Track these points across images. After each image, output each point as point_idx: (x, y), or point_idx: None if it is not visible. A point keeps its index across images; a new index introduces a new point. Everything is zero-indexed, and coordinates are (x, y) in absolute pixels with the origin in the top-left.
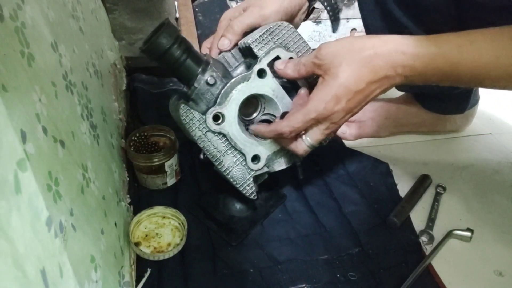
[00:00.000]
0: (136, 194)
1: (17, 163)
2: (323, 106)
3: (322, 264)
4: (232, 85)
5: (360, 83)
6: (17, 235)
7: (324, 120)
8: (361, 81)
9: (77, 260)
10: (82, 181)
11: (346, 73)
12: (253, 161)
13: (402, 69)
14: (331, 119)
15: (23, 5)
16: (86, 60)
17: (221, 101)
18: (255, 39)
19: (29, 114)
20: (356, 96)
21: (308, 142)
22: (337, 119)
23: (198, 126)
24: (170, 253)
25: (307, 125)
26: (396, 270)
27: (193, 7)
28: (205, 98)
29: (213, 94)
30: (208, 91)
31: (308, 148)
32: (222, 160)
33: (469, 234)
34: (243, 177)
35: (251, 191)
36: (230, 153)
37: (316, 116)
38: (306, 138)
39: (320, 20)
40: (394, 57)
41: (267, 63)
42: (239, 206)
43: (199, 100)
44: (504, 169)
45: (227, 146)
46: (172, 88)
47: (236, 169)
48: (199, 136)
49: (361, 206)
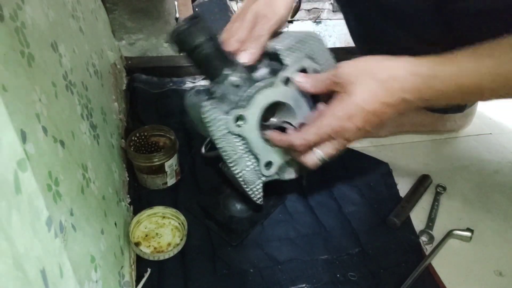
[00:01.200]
0: (136, 194)
1: (17, 163)
2: (337, 122)
3: (322, 264)
4: (257, 89)
5: (374, 104)
6: (17, 235)
7: (337, 136)
8: (375, 102)
9: (77, 260)
10: (82, 181)
11: (362, 92)
12: (266, 166)
13: (418, 93)
14: (343, 136)
15: (23, 5)
16: (86, 60)
17: (244, 104)
18: (287, 48)
19: (29, 114)
20: (369, 116)
21: (319, 155)
22: (350, 135)
23: (219, 126)
24: (170, 253)
25: (319, 140)
26: (396, 270)
27: (193, 7)
28: (228, 99)
29: (237, 95)
30: (232, 92)
31: (318, 162)
32: (238, 162)
33: (469, 234)
34: (254, 181)
35: (259, 195)
36: (246, 156)
37: (329, 132)
38: (318, 151)
39: (320, 20)
40: (410, 80)
41: (293, 72)
42: (239, 206)
43: (222, 100)
44: (504, 169)
45: (244, 149)
46: (172, 88)
47: (249, 172)
48: (218, 136)
49: (361, 206)
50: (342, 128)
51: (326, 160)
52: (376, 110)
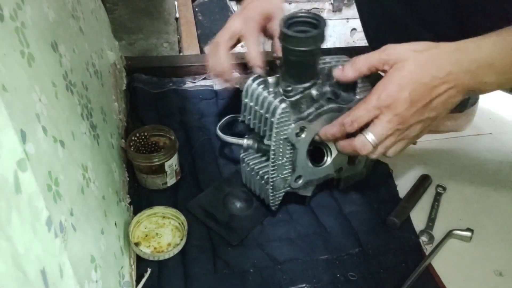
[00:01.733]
0: (136, 194)
1: (17, 163)
2: (385, 92)
3: (322, 264)
4: (327, 111)
5: (424, 75)
6: (17, 235)
7: (386, 109)
8: (425, 73)
9: (77, 260)
10: (82, 181)
11: (411, 66)
12: (297, 179)
13: (468, 63)
14: (394, 109)
15: (23, 5)
16: (86, 60)
17: (312, 119)
18: (364, 82)
19: (29, 114)
20: (419, 88)
21: (370, 137)
22: (401, 110)
23: (283, 130)
24: (170, 253)
25: (369, 115)
26: (396, 270)
27: (193, 7)
28: (300, 107)
29: (308, 108)
30: (306, 103)
31: (370, 145)
32: (279, 168)
33: (469, 234)
34: (280, 188)
35: (277, 202)
36: (287, 165)
37: (377, 103)
38: (367, 132)
39: None
40: (456, 52)
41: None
42: (239, 205)
43: (294, 106)
44: (504, 169)
45: (289, 158)
46: (172, 88)
47: (280, 179)
48: (277, 138)
49: (361, 206)
50: (391, 98)
51: (377, 143)
52: (426, 82)
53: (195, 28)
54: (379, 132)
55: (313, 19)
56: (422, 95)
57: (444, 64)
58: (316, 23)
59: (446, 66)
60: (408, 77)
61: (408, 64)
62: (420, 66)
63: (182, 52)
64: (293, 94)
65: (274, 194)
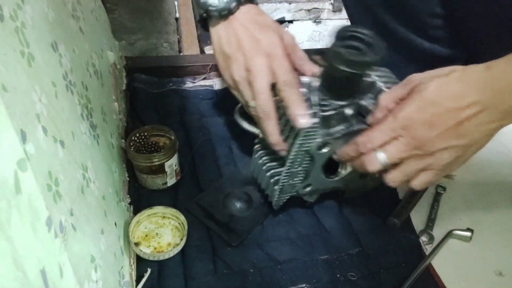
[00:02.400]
0: (136, 194)
1: (17, 163)
2: (402, 113)
3: (322, 264)
4: (356, 132)
5: (447, 96)
6: (17, 235)
7: (403, 132)
8: (449, 94)
9: (77, 260)
10: (82, 181)
11: (433, 86)
12: (306, 187)
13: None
14: (411, 131)
15: (23, 5)
16: (86, 60)
17: (338, 137)
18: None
19: (29, 114)
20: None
21: (381, 155)
22: (419, 133)
23: (308, 143)
24: (170, 253)
25: (383, 137)
26: (396, 270)
27: None
28: (329, 124)
29: (338, 125)
30: (337, 121)
31: (379, 163)
32: (293, 175)
33: (469, 234)
34: (288, 192)
35: (280, 203)
36: (301, 174)
37: (393, 125)
38: (379, 151)
39: (320, 20)
40: (489, 73)
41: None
42: (239, 205)
43: (324, 121)
44: (504, 169)
45: (305, 168)
46: (172, 88)
47: (290, 184)
48: (300, 149)
49: (361, 207)
50: (409, 121)
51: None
52: (448, 103)
53: (195, 28)
54: (392, 152)
55: (370, 38)
56: (445, 118)
57: (471, 84)
58: (371, 42)
59: (473, 86)
60: (428, 98)
61: (430, 85)
62: (443, 87)
63: (182, 52)
64: (327, 109)
65: (280, 196)
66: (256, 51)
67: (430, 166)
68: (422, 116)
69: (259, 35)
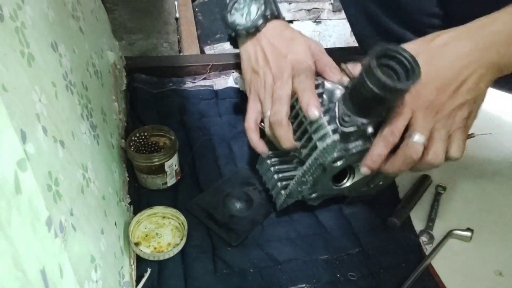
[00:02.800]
0: (136, 194)
1: (17, 163)
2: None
3: (322, 264)
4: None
5: (441, 62)
6: (17, 235)
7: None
8: (442, 60)
9: (77, 260)
10: (82, 181)
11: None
12: (313, 194)
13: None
14: (424, 103)
15: (23, 5)
16: (86, 60)
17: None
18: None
19: (29, 114)
20: (441, 75)
21: (416, 137)
22: (431, 100)
23: (325, 157)
24: (170, 253)
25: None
26: (396, 270)
27: (193, 7)
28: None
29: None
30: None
31: (421, 145)
32: (303, 183)
33: (469, 234)
34: (293, 197)
35: (284, 206)
36: (310, 181)
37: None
38: (410, 134)
39: (320, 20)
40: (478, 32)
41: None
42: (239, 205)
43: (344, 138)
44: (504, 169)
45: (315, 177)
46: (172, 88)
47: (298, 190)
48: (315, 162)
49: (361, 207)
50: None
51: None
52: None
53: (195, 28)
54: (421, 126)
55: (409, 63)
56: (448, 81)
57: (460, 45)
58: (410, 67)
59: (463, 46)
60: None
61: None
62: (434, 55)
63: (182, 52)
64: (349, 125)
65: (286, 200)
66: (283, 66)
67: (455, 125)
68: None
69: (286, 50)
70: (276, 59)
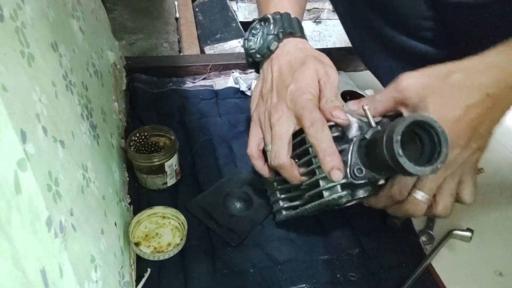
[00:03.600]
0: (136, 194)
1: (17, 163)
2: None
3: (322, 264)
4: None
5: (455, 110)
6: (17, 235)
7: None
8: (456, 107)
9: (77, 260)
10: (82, 181)
11: (437, 102)
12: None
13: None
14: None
15: (23, 5)
16: (86, 60)
17: (359, 197)
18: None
19: (29, 114)
20: (454, 126)
21: (419, 195)
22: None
23: (328, 201)
24: (170, 253)
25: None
26: (396, 270)
27: (193, 7)
28: (355, 189)
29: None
30: (365, 187)
31: (424, 203)
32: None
33: (469, 234)
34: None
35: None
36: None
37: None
38: (415, 191)
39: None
40: (492, 71)
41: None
42: (239, 206)
43: (349, 186)
44: (504, 169)
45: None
46: (172, 88)
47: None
48: (319, 205)
49: (362, 207)
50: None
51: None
52: (460, 116)
53: (195, 28)
54: (427, 186)
55: (438, 139)
56: (461, 132)
57: (476, 86)
58: (437, 142)
59: (479, 89)
60: (438, 116)
61: (431, 101)
62: (446, 100)
63: (182, 52)
64: (360, 179)
65: (286, 217)
66: (283, 96)
67: (465, 173)
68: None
69: (291, 77)
70: (278, 87)
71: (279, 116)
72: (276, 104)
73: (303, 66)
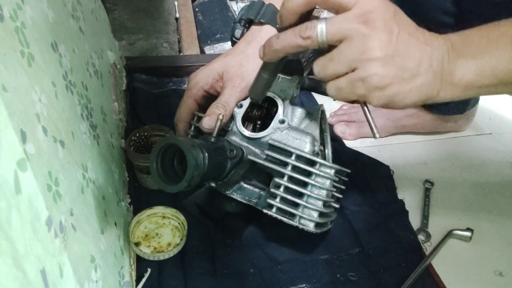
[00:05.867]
0: (136, 194)
1: (17, 163)
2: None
3: (322, 264)
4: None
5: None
6: (17, 235)
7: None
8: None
9: (77, 260)
10: (82, 181)
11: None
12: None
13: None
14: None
15: (23, 5)
16: (86, 60)
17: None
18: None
19: (29, 114)
20: (388, 18)
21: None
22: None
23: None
24: (170, 253)
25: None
26: (396, 270)
27: (193, 7)
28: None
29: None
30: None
31: (315, 32)
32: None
33: (469, 234)
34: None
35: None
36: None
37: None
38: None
39: None
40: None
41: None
42: (234, 202)
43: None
44: (504, 169)
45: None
46: (172, 88)
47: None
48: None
49: (362, 207)
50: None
51: (327, 39)
52: (393, 19)
53: (195, 28)
54: (334, 26)
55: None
56: (386, 21)
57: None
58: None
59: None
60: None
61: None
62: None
63: (182, 52)
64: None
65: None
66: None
67: (362, 61)
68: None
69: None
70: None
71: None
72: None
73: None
